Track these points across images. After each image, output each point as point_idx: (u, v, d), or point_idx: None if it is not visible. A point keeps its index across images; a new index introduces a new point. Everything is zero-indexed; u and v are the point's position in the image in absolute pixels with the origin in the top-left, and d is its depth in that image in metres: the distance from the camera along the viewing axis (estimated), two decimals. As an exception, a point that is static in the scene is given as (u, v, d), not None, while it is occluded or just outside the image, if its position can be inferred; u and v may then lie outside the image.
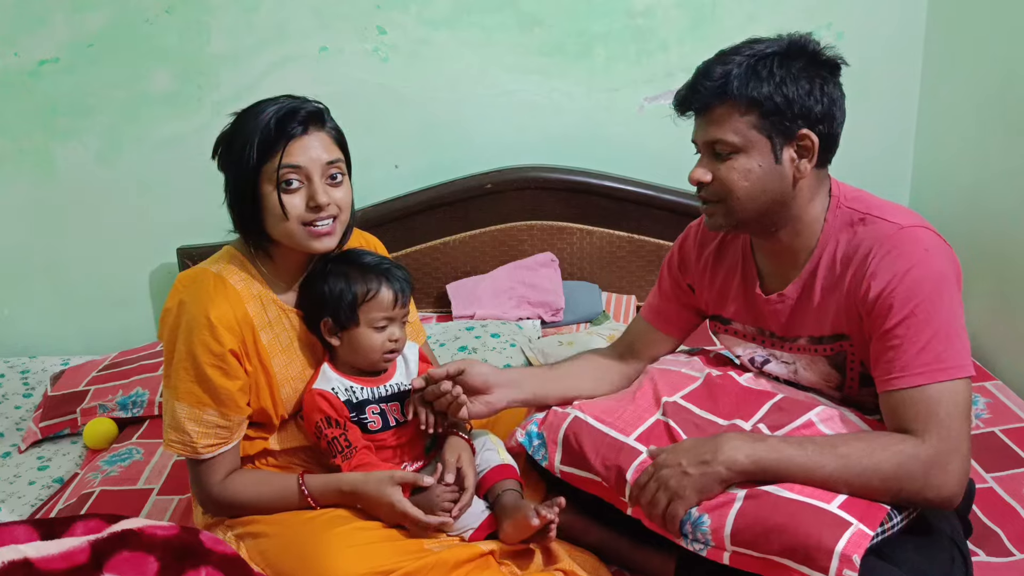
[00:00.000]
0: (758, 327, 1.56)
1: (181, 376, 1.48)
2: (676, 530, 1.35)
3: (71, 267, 2.88)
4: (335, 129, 1.53)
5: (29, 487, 2.14)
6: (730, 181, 1.39)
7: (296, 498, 1.53)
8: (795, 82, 1.35)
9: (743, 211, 1.41)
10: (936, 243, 1.37)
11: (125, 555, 1.24)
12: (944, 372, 1.29)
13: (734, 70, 1.35)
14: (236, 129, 1.48)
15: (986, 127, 2.41)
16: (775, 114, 1.35)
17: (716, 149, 1.39)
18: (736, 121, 1.36)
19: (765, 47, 1.37)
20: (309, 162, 1.45)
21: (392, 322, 1.59)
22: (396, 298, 1.57)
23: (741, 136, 1.37)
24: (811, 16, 2.66)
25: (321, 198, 1.45)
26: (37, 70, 2.69)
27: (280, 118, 1.44)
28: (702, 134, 1.41)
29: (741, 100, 1.35)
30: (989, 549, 1.58)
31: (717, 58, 1.40)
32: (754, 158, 1.37)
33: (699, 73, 1.40)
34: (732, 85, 1.35)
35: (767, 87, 1.34)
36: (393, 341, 1.59)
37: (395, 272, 1.60)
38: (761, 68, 1.35)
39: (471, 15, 2.69)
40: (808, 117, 1.36)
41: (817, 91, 1.36)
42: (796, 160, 1.38)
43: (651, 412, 1.53)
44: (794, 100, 1.35)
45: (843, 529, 1.21)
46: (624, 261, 2.79)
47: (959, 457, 1.28)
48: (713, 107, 1.38)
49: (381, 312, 1.56)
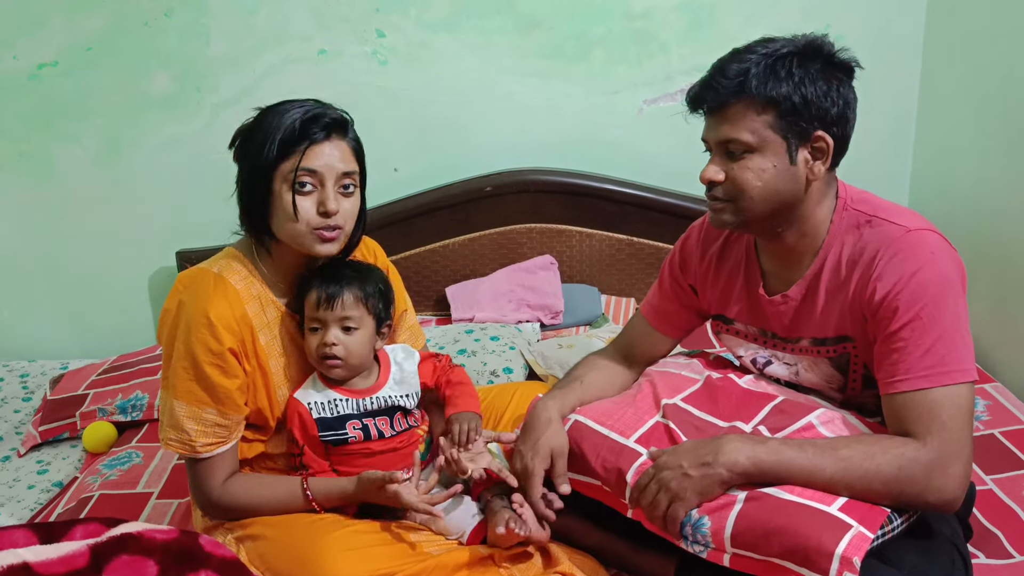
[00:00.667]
0: (760, 328, 1.56)
1: (180, 375, 1.48)
2: (676, 532, 1.35)
3: (70, 270, 2.88)
4: (356, 141, 1.54)
5: (28, 491, 2.14)
6: (743, 181, 1.38)
7: (299, 500, 1.53)
8: (813, 83, 1.34)
9: (753, 211, 1.40)
10: (942, 247, 1.37)
11: (124, 559, 1.24)
12: (948, 376, 1.29)
13: (752, 68, 1.33)
14: (259, 124, 1.48)
15: (985, 128, 2.41)
16: (792, 114, 1.34)
17: (730, 148, 1.38)
18: (752, 120, 1.35)
19: (781, 46, 1.36)
20: (325, 168, 1.46)
21: (324, 325, 1.54)
22: (320, 299, 1.52)
23: (757, 135, 1.36)
24: (810, 17, 2.66)
25: (331, 205, 1.45)
26: (36, 73, 2.69)
27: (305, 120, 1.45)
28: (715, 133, 1.40)
29: (759, 98, 1.34)
30: (989, 551, 1.58)
31: (732, 56, 1.38)
32: (769, 158, 1.37)
33: (715, 70, 1.38)
34: (750, 83, 1.33)
35: (786, 87, 1.33)
36: (326, 345, 1.53)
37: (346, 276, 1.55)
38: (780, 67, 1.34)
39: (470, 18, 2.69)
40: (824, 119, 1.35)
41: (834, 93, 1.35)
42: (810, 162, 1.38)
43: (651, 414, 1.53)
44: (812, 101, 1.34)
45: (843, 531, 1.21)
46: (623, 264, 2.79)
47: (961, 461, 1.28)
48: (729, 105, 1.36)
49: (310, 312, 1.54)
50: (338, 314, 1.53)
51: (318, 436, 1.56)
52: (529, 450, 1.50)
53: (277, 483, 1.56)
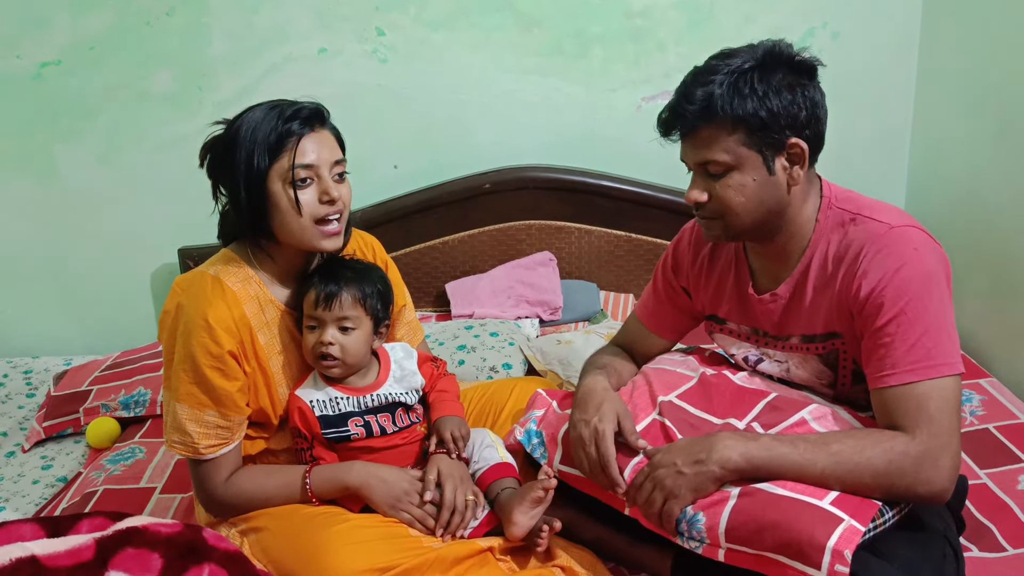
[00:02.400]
0: (752, 327, 1.57)
1: (181, 378, 1.49)
2: (672, 528, 1.37)
3: (73, 267, 2.90)
4: (335, 129, 1.55)
5: (33, 486, 2.16)
6: (727, 199, 1.39)
7: (299, 490, 1.55)
8: (777, 94, 1.34)
9: (742, 224, 1.42)
10: (926, 242, 1.38)
11: (130, 552, 1.26)
12: (934, 369, 1.31)
13: (716, 90, 1.34)
14: (235, 134, 1.48)
15: (981, 126, 2.41)
16: (762, 129, 1.35)
17: (709, 169, 1.40)
18: (725, 140, 1.36)
19: (742, 62, 1.36)
20: (320, 160, 1.48)
21: (321, 324, 1.55)
22: (318, 298, 1.53)
23: (732, 154, 1.37)
24: (807, 16, 2.68)
25: (334, 192, 1.48)
26: (39, 72, 2.71)
27: (286, 118, 1.46)
28: (693, 155, 1.41)
29: (726, 119, 1.35)
30: (983, 545, 1.60)
31: (695, 78, 1.38)
32: (748, 173, 1.38)
33: (680, 95, 1.39)
34: (716, 105, 1.34)
35: (751, 103, 1.34)
36: (323, 344, 1.54)
37: (344, 276, 1.55)
38: (743, 85, 1.34)
39: (469, 16, 2.70)
40: (795, 126, 1.36)
41: (800, 99, 1.36)
42: (788, 168, 1.39)
43: (648, 411, 1.54)
44: (779, 112, 1.34)
45: (835, 525, 1.22)
46: (622, 260, 2.80)
47: (949, 453, 1.30)
48: (699, 129, 1.37)
49: (308, 311, 1.55)
50: (336, 314, 1.54)
51: (322, 434, 1.58)
52: (593, 415, 1.49)
53: (280, 472, 1.58)
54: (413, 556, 1.44)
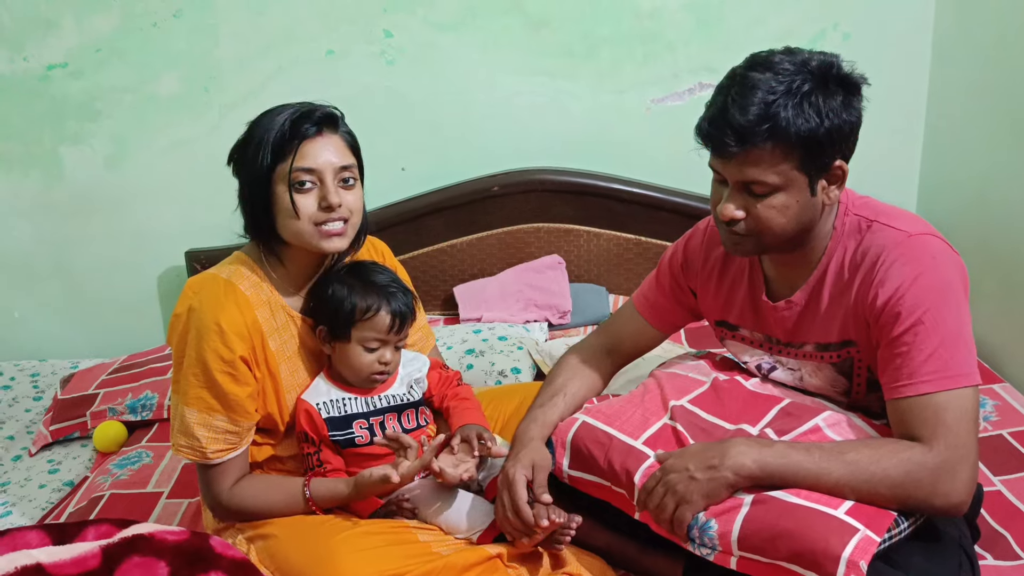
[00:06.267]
0: (765, 334, 1.56)
1: (191, 382, 1.49)
2: (683, 535, 1.35)
3: (80, 270, 2.90)
4: (349, 134, 1.54)
5: (39, 490, 2.16)
6: (768, 219, 1.35)
7: (301, 502, 1.54)
8: (838, 115, 1.30)
9: (775, 243, 1.39)
10: (944, 251, 1.36)
11: (136, 560, 1.25)
12: (951, 380, 1.29)
13: (781, 111, 1.27)
14: (250, 133, 1.49)
15: (994, 129, 2.40)
16: (818, 150, 1.31)
17: (753, 189, 1.34)
18: (780, 163, 1.30)
19: (801, 81, 1.28)
20: (322, 165, 1.46)
21: (385, 345, 1.57)
22: (393, 323, 1.55)
23: (783, 176, 1.32)
24: (817, 17, 2.66)
25: (333, 199, 1.46)
26: (46, 74, 2.71)
27: (294, 120, 1.46)
28: (736, 172, 1.34)
29: (789, 140, 1.28)
30: (997, 553, 1.58)
31: (746, 90, 1.29)
32: (792, 195, 1.34)
33: (734, 107, 1.29)
34: (781, 125, 1.27)
35: (814, 123, 1.28)
36: (383, 363, 1.57)
37: (400, 296, 1.57)
38: (807, 105, 1.28)
39: (477, 18, 2.69)
40: (843, 147, 1.33)
41: (851, 119, 1.33)
42: (827, 188, 1.36)
43: (659, 416, 1.53)
44: (835, 134, 1.30)
45: (850, 535, 1.21)
46: (631, 264, 2.79)
47: (967, 465, 1.28)
48: (755, 146, 1.30)
49: (374, 333, 1.55)
50: (403, 336, 1.57)
51: (329, 436, 1.57)
52: (512, 463, 1.51)
53: (283, 484, 1.57)
54: (421, 563, 1.42)
